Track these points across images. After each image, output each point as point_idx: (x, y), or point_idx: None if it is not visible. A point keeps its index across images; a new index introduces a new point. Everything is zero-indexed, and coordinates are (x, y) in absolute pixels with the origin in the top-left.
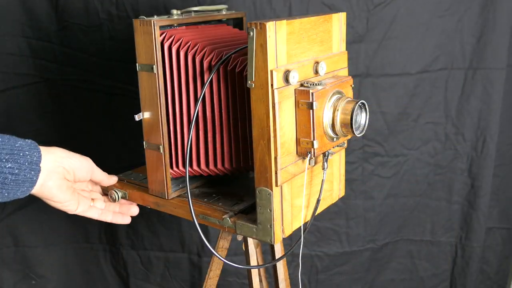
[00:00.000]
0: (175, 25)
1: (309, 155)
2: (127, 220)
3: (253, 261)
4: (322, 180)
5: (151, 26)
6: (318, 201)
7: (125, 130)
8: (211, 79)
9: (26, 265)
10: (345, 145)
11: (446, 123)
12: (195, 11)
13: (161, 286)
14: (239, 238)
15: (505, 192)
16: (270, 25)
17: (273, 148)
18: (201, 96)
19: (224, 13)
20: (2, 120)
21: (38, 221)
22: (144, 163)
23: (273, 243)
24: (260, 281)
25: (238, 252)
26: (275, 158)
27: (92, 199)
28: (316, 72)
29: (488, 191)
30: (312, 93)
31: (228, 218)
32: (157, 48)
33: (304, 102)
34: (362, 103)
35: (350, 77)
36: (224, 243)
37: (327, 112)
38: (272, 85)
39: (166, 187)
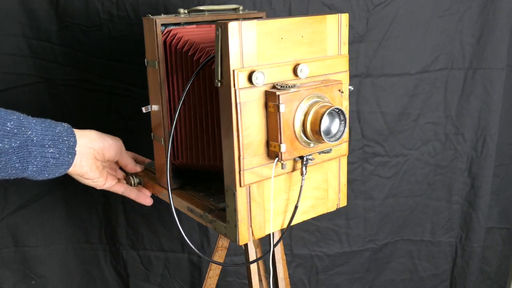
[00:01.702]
0: (182, 23)
1: (276, 158)
2: (149, 202)
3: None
4: (301, 186)
5: (154, 24)
6: (295, 207)
7: (125, 130)
8: (200, 76)
9: (26, 265)
10: (332, 151)
11: (446, 123)
12: (208, 11)
13: (161, 286)
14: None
15: (505, 192)
16: (232, 26)
17: (236, 148)
18: (184, 93)
19: (241, 12)
20: None
21: (38, 221)
22: None
23: (238, 243)
24: (260, 280)
25: (238, 252)
26: (239, 158)
27: (118, 179)
28: (296, 74)
29: (488, 191)
30: (278, 95)
31: (207, 214)
32: (159, 45)
33: (273, 104)
34: (337, 110)
35: (340, 81)
36: (223, 242)
37: (299, 116)
38: (234, 85)
39: (168, 177)
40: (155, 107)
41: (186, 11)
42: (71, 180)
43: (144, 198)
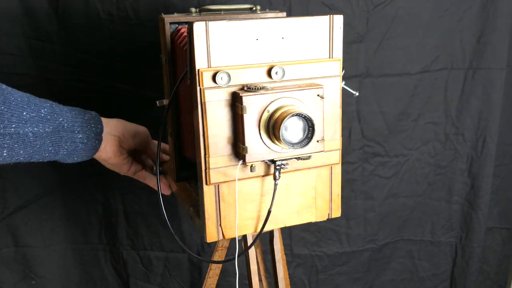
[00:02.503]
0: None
1: (240, 161)
2: (168, 191)
3: (253, 261)
4: (274, 191)
5: (163, 22)
6: (268, 212)
7: None
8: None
9: (26, 265)
10: (313, 158)
11: (446, 123)
12: (223, 10)
13: (161, 286)
14: (239, 237)
15: (505, 192)
16: (198, 25)
17: (203, 146)
18: (175, 89)
19: (258, 12)
20: None
21: (38, 221)
22: None
23: (205, 240)
24: (260, 280)
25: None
26: (205, 156)
27: (145, 167)
28: (270, 76)
29: (488, 191)
30: (242, 97)
31: (191, 208)
32: (167, 42)
33: (238, 105)
34: (302, 116)
35: (320, 85)
36: (224, 242)
37: (265, 119)
38: (199, 84)
39: (174, 171)
40: (166, 102)
41: (197, 10)
42: (71, 180)
43: (163, 187)
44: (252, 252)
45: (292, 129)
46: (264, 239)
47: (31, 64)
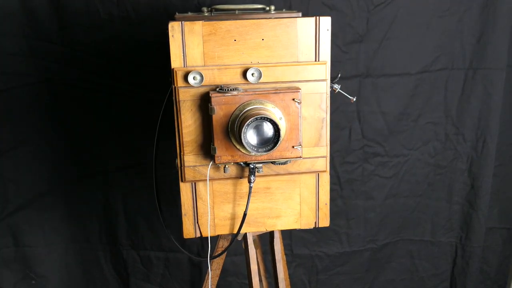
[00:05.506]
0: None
1: (211, 161)
2: None
3: (253, 261)
4: (249, 193)
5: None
6: (244, 215)
7: (125, 129)
8: None
9: (26, 265)
10: (291, 163)
11: (446, 123)
12: (238, 10)
13: (161, 286)
14: (239, 238)
15: (505, 192)
16: (173, 25)
17: (178, 144)
18: (169, 91)
19: (272, 12)
20: (2, 120)
21: (39, 221)
22: (142, 162)
23: (183, 236)
24: (260, 281)
25: (238, 252)
26: (180, 154)
27: None
28: (246, 78)
29: (488, 191)
30: (211, 98)
31: None
32: None
33: (209, 106)
34: (266, 119)
35: (297, 89)
36: (224, 243)
37: (234, 121)
38: (173, 83)
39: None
40: None
41: (209, 10)
42: (71, 180)
43: None
44: (252, 252)
45: (257, 133)
46: (265, 239)
47: (31, 64)
